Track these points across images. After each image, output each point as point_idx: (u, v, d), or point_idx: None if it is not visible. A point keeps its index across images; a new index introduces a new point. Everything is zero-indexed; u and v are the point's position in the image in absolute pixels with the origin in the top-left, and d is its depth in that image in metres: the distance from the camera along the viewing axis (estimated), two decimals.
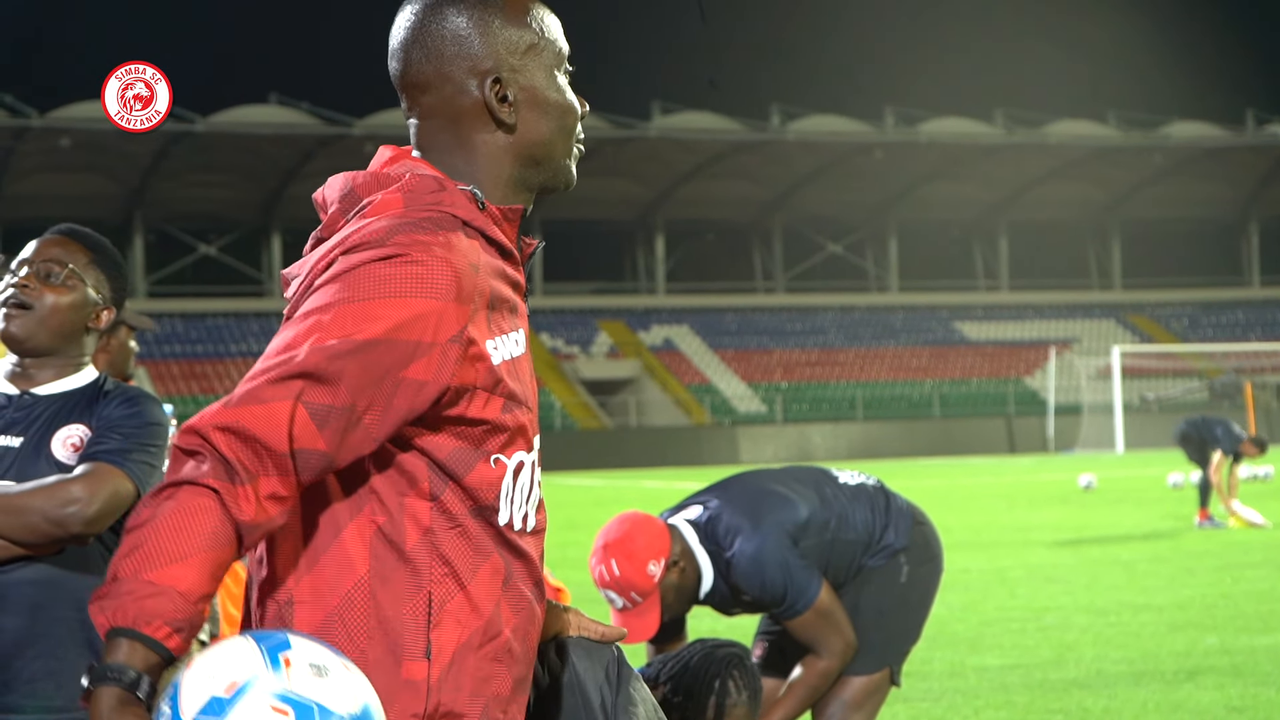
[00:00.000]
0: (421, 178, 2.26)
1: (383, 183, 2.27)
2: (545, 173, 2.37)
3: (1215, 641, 9.99)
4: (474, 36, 2.30)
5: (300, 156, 57.56)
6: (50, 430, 3.52)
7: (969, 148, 63.58)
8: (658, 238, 67.14)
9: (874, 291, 70.08)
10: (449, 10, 2.31)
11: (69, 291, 3.56)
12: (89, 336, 3.63)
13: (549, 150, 2.36)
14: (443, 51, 2.30)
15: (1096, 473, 31.59)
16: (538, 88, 2.33)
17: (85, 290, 3.58)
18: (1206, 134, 65.21)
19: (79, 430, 3.50)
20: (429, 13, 2.31)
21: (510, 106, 2.31)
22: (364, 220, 2.21)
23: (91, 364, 3.68)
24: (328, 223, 2.30)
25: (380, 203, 2.23)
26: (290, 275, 2.32)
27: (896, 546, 5.40)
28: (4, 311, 3.54)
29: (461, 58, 2.30)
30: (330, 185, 2.34)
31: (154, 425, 3.55)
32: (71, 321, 3.57)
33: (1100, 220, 71.53)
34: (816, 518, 5.29)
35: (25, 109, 52.88)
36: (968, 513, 22.92)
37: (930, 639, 10.04)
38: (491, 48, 2.30)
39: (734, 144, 61.52)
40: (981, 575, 14.21)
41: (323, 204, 2.34)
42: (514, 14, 2.33)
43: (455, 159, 2.32)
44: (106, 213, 56.65)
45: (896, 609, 5.40)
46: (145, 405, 3.56)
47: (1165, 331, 67.20)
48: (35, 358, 3.58)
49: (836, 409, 58.86)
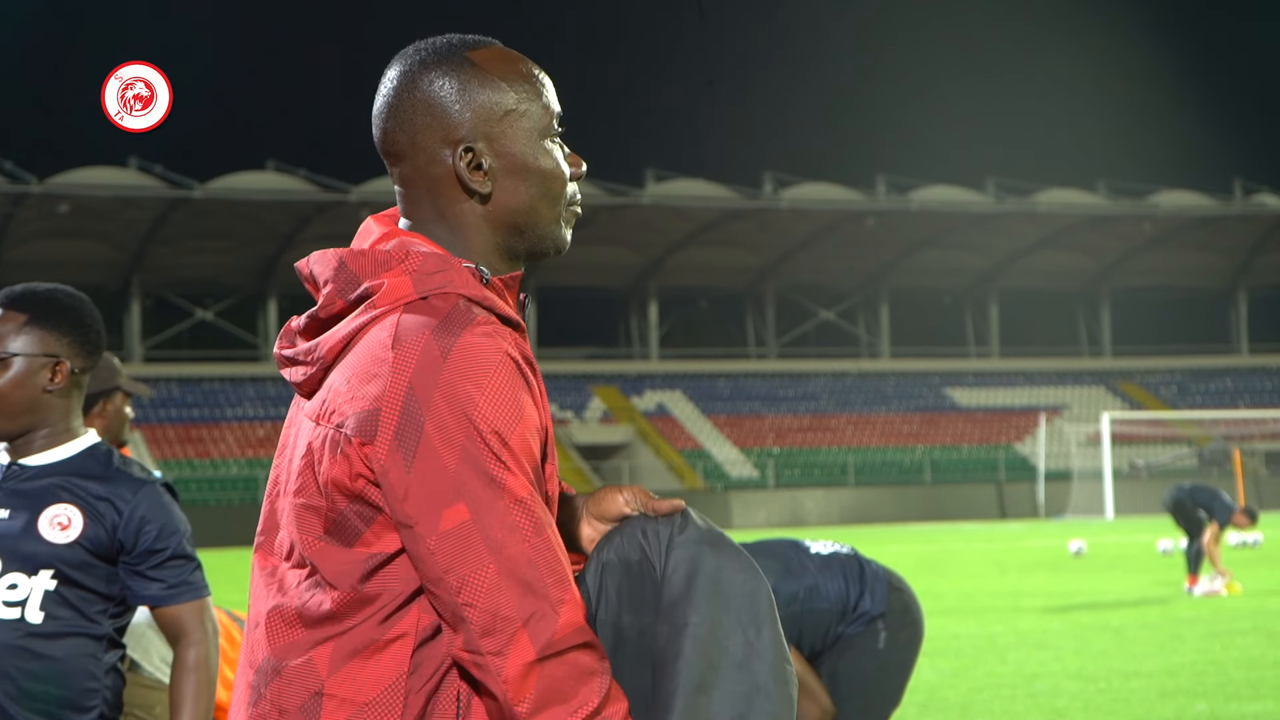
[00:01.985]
0: (424, 256, 2.18)
1: (380, 261, 2.18)
2: (530, 239, 2.28)
3: (1205, 708, 9.95)
4: (447, 105, 2.22)
5: (297, 222, 57.69)
6: (39, 506, 3.49)
7: (960, 216, 63.82)
8: (651, 304, 67.26)
9: (866, 358, 70.18)
10: (423, 78, 2.23)
11: (3, 371, 3.50)
12: (62, 398, 3.56)
13: (531, 217, 2.26)
14: (415, 120, 2.22)
15: (1087, 539, 31.58)
16: (517, 154, 2.24)
17: (25, 360, 3.51)
18: (1195, 203, 65.51)
19: (67, 510, 3.48)
20: (404, 80, 2.24)
21: (485, 175, 2.22)
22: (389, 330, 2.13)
23: (86, 427, 3.64)
24: (325, 303, 2.20)
25: (389, 289, 2.16)
26: (294, 357, 2.25)
27: (873, 613, 5.43)
28: None
29: (434, 127, 2.22)
30: (318, 262, 2.23)
31: (185, 536, 3.60)
32: (22, 398, 3.52)
33: (1090, 288, 71.74)
34: (784, 590, 5.31)
35: (24, 175, 52.98)
36: (958, 578, 22.93)
37: (921, 705, 10.22)
38: (464, 115, 2.22)
39: (727, 211, 61.74)
40: (972, 641, 14.21)
41: (310, 279, 2.25)
42: (493, 78, 2.24)
43: (438, 230, 2.24)
44: (104, 278, 56.76)
45: (876, 675, 5.42)
46: (169, 518, 3.57)
47: (1155, 398, 67.30)
48: (8, 440, 3.55)
49: (828, 474, 58.85)
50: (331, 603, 2.15)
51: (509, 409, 2.08)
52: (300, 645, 2.16)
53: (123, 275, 58.94)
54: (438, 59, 2.25)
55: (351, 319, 2.18)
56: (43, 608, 3.46)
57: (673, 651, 2.14)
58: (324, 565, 2.15)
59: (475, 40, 2.29)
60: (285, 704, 2.16)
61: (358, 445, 2.09)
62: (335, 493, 2.13)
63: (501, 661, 2.05)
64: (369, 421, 2.09)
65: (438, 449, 2.06)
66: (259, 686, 2.19)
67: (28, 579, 3.45)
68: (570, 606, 2.07)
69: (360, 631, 2.14)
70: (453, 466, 2.06)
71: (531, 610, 2.05)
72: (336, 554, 2.15)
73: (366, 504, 2.12)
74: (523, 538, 2.06)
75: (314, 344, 2.21)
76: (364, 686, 2.13)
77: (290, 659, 2.16)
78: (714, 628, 2.14)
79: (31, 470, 3.54)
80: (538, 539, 2.07)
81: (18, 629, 3.43)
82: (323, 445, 2.14)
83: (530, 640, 2.04)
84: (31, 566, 3.45)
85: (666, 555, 2.20)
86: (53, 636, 3.46)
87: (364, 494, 2.12)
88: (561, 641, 2.04)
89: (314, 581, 2.17)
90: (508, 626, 2.05)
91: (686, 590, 2.16)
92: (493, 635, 2.05)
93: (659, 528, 2.24)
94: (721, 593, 2.16)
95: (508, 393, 2.09)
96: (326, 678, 2.14)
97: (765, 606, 2.18)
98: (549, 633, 2.04)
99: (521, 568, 2.06)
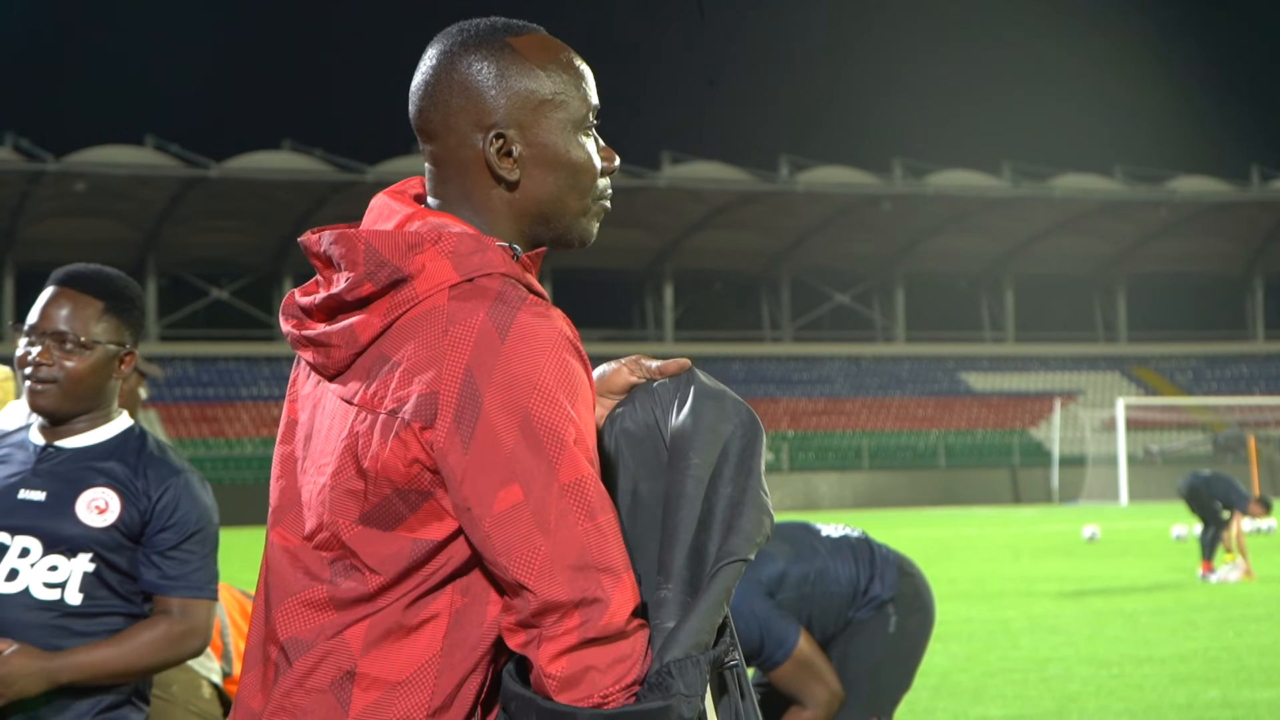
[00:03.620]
0: (458, 237, 2.16)
1: (411, 243, 2.14)
2: (556, 230, 2.27)
3: (1217, 695, 9.99)
4: (483, 89, 2.20)
5: (313, 203, 57.76)
6: (75, 489, 3.51)
7: (976, 200, 63.74)
8: (666, 287, 67.29)
9: (880, 342, 70.17)
10: (462, 60, 2.22)
11: (87, 357, 3.52)
12: (114, 384, 3.59)
13: (558, 208, 2.25)
14: (449, 102, 2.21)
15: (1100, 524, 31.62)
16: (548, 144, 2.22)
17: (104, 348, 3.53)
18: (1212, 189, 65.37)
19: (104, 494, 3.52)
20: (443, 60, 2.22)
21: (514, 162, 2.21)
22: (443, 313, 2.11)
23: (123, 411, 3.67)
24: (351, 285, 2.15)
25: (429, 272, 2.13)
26: (314, 336, 2.21)
27: (883, 598, 5.42)
28: (28, 385, 3.51)
29: (467, 110, 2.20)
30: (337, 242, 2.18)
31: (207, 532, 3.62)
32: (95, 384, 3.54)
33: (1106, 273, 71.64)
34: (794, 572, 5.32)
35: (41, 153, 53.10)
36: (971, 563, 22.98)
37: (933, 689, 10.24)
38: (499, 101, 2.20)
39: (743, 194, 61.72)
40: (985, 625, 14.25)
41: (321, 256, 2.21)
42: (532, 65, 2.22)
43: (464, 210, 2.23)
44: (120, 257, 56.80)
45: (886, 659, 5.42)
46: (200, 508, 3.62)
47: (1170, 385, 67.23)
48: (59, 422, 3.57)
49: (842, 458, 58.88)
50: (367, 587, 2.14)
51: (566, 389, 2.08)
52: (331, 626, 2.15)
53: (138, 254, 59.05)
54: (478, 41, 2.23)
55: (387, 302, 2.15)
56: (81, 589, 3.50)
57: (676, 490, 2.17)
58: (363, 550, 2.14)
59: (519, 26, 2.27)
60: (315, 682, 2.15)
61: (417, 430, 2.07)
62: (383, 478, 2.11)
63: (545, 642, 2.05)
64: (428, 405, 2.07)
65: (495, 430, 2.06)
66: (282, 664, 2.18)
67: (67, 561, 3.49)
68: (621, 593, 2.06)
69: (393, 611, 2.13)
70: (509, 448, 2.05)
71: (580, 595, 2.04)
72: (376, 539, 2.13)
73: (415, 491, 2.11)
74: (575, 521, 2.06)
75: (345, 326, 2.18)
76: (396, 667, 2.13)
77: (321, 638, 2.16)
78: (713, 471, 2.18)
79: (68, 453, 3.56)
80: (590, 523, 2.06)
81: (56, 610, 3.47)
82: (370, 430, 2.12)
83: (577, 625, 2.04)
84: (71, 549, 3.49)
85: (675, 412, 2.23)
86: (90, 616, 3.50)
87: (415, 480, 2.10)
88: (606, 628, 2.04)
89: (348, 565, 2.15)
90: (556, 609, 2.05)
91: (691, 436, 2.19)
92: (541, 616, 2.06)
93: (664, 388, 2.27)
94: (720, 441, 2.20)
95: (565, 372, 2.09)
96: (359, 657, 2.13)
97: (756, 459, 2.21)
98: (595, 619, 2.04)
99: (572, 552, 2.05)
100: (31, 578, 3.48)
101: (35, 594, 3.48)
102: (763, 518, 2.18)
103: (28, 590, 3.47)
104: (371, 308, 2.15)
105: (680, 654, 2.07)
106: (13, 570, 3.48)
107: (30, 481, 3.52)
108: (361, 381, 2.15)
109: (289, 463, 2.27)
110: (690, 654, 2.07)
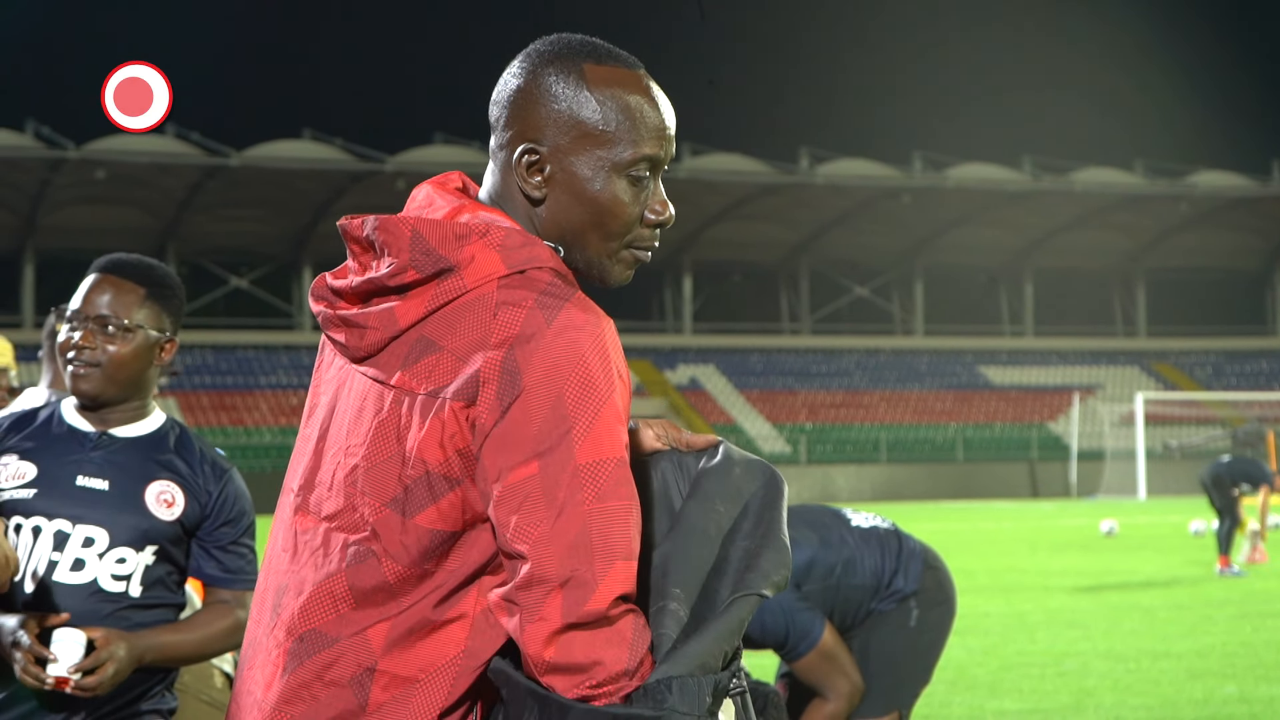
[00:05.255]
0: (507, 231, 2.17)
1: (459, 235, 2.16)
2: (576, 261, 2.25)
3: (1234, 690, 9.99)
4: (538, 101, 2.22)
5: (332, 192, 57.85)
6: (140, 480, 3.55)
7: (996, 194, 63.64)
8: (685, 278, 67.30)
9: (899, 335, 70.11)
10: (537, 68, 2.23)
11: (129, 341, 3.55)
12: (154, 371, 3.62)
13: (579, 240, 2.24)
14: (512, 102, 2.24)
15: (1118, 519, 31.58)
16: (578, 174, 2.21)
17: (145, 333, 3.56)
18: (1232, 184, 65.19)
19: (171, 488, 3.56)
20: (524, 62, 2.26)
21: (543, 180, 2.22)
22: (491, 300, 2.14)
23: (155, 405, 3.69)
24: (394, 271, 2.17)
25: (479, 264, 2.15)
26: (350, 317, 2.22)
27: (906, 591, 5.42)
28: (71, 370, 3.54)
29: (519, 117, 2.23)
30: (384, 229, 2.19)
31: (253, 524, 3.70)
32: (138, 369, 3.57)
33: (1125, 268, 71.50)
34: (821, 562, 5.32)
35: (62, 141, 53.24)
36: (989, 556, 22.94)
37: (950, 683, 10.24)
38: (545, 118, 2.21)
39: (762, 186, 61.69)
40: (1002, 619, 14.26)
41: (363, 240, 2.23)
42: (590, 94, 2.22)
43: (508, 208, 2.26)
44: (140, 245, 56.84)
45: (906, 653, 5.42)
46: (248, 502, 3.70)
47: (1189, 379, 67.10)
48: (99, 406, 3.59)
49: (860, 451, 58.87)
50: (387, 576, 2.15)
51: (604, 379, 2.09)
52: (354, 622, 2.16)
53: (158, 242, 59.18)
54: (557, 55, 2.25)
55: (432, 289, 2.17)
56: (142, 581, 3.54)
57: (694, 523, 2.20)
58: (385, 534, 2.15)
59: (607, 53, 2.27)
60: (334, 676, 2.16)
61: (459, 409, 2.10)
62: (418, 460, 2.13)
63: (529, 618, 2.05)
64: (470, 385, 2.10)
65: (529, 409, 2.08)
66: (299, 654, 2.18)
67: (135, 554, 3.52)
68: (613, 578, 2.06)
69: (417, 610, 2.15)
70: (537, 426, 2.07)
71: (570, 575, 2.05)
72: (399, 525, 2.14)
73: (444, 477, 2.12)
74: (583, 500, 2.06)
75: (383, 309, 2.20)
76: (416, 664, 2.14)
77: (343, 633, 2.17)
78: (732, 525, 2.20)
79: (122, 441, 3.58)
80: (598, 505, 2.07)
81: (120, 601, 3.51)
82: (409, 411, 2.14)
83: (562, 605, 2.04)
84: (140, 542, 3.52)
85: (692, 484, 2.24)
86: (147, 608, 3.54)
87: (447, 465, 2.12)
88: (588, 614, 2.04)
89: (368, 550, 2.16)
90: (544, 587, 2.05)
91: (716, 483, 2.22)
92: (528, 590, 2.06)
93: (687, 461, 2.28)
94: (743, 498, 2.22)
95: (605, 365, 2.10)
96: (380, 655, 2.14)
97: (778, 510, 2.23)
98: (581, 602, 2.04)
99: (573, 530, 2.06)
100: (100, 569, 3.50)
101: (104, 585, 3.50)
102: (783, 558, 2.19)
103: (96, 581, 3.49)
104: (413, 294, 2.18)
105: (683, 671, 2.06)
106: (78, 560, 3.49)
107: (87, 468, 3.53)
108: (399, 364, 2.17)
109: (308, 443, 2.29)
110: (693, 673, 2.06)
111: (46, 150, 53.28)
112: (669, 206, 2.31)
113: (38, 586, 3.47)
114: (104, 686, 3.37)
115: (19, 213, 56.50)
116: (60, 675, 3.33)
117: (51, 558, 3.48)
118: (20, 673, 3.34)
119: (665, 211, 2.30)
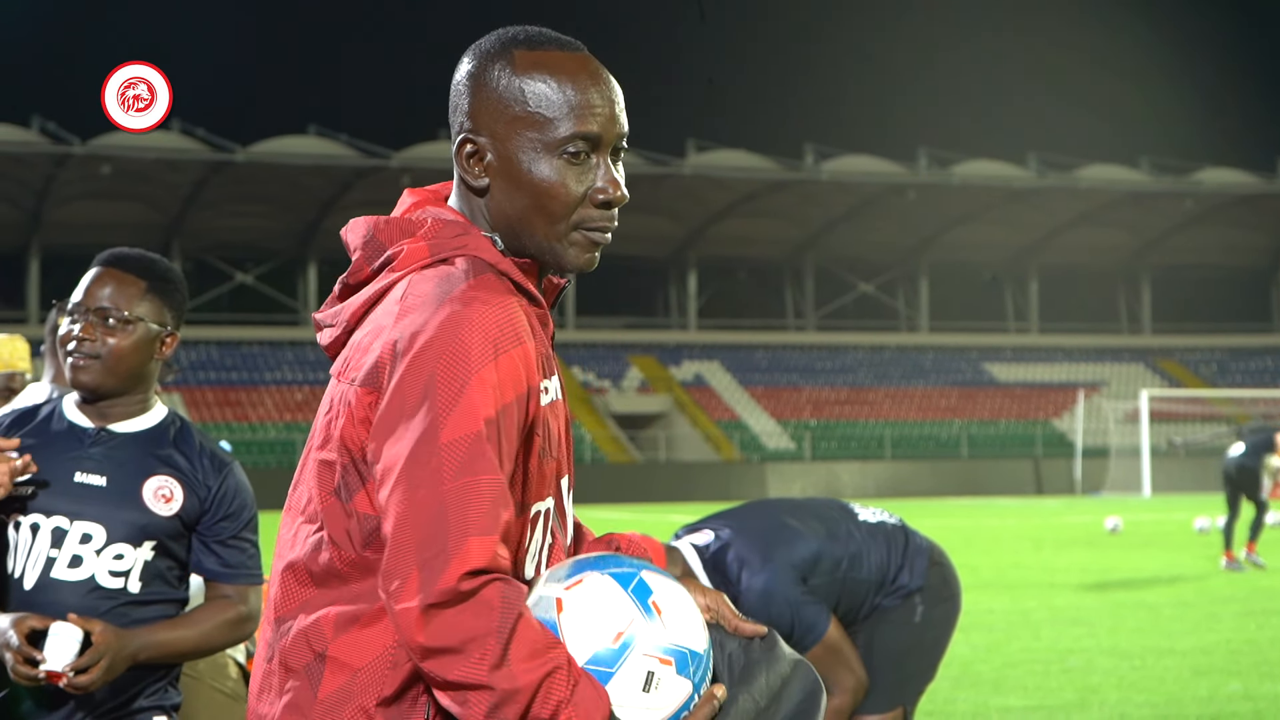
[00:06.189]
0: (446, 223, 2.22)
1: (405, 229, 2.23)
2: (531, 248, 2.26)
3: (1239, 687, 9.97)
4: (472, 91, 2.24)
5: (338, 188, 57.84)
6: (138, 476, 3.55)
7: (1001, 190, 63.60)
8: (690, 274, 67.26)
9: (904, 331, 70.07)
10: (475, 60, 2.26)
11: (130, 333, 3.54)
12: (154, 365, 3.62)
13: (526, 226, 2.24)
14: (454, 97, 2.27)
15: (1123, 516, 31.56)
16: (513, 159, 2.21)
17: (146, 326, 3.56)
18: (1238, 181, 65.12)
19: (169, 483, 3.56)
20: (466, 57, 2.28)
21: (483, 169, 2.24)
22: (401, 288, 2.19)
23: (157, 400, 3.69)
24: (354, 269, 2.25)
25: (407, 254, 2.20)
26: (323, 321, 2.30)
27: (911, 587, 5.41)
28: (71, 361, 3.54)
29: (460, 108, 2.25)
30: (353, 229, 2.28)
31: (256, 516, 3.70)
32: (138, 362, 3.57)
33: (1130, 265, 71.43)
34: (828, 555, 5.30)
35: (67, 136, 53.25)
36: (993, 553, 22.94)
37: (954, 679, 10.24)
38: (479, 106, 2.23)
39: (768, 183, 61.65)
40: (1006, 616, 14.26)
41: (347, 246, 2.30)
42: (520, 79, 2.23)
43: (461, 203, 2.29)
44: (145, 241, 56.83)
45: (911, 649, 5.41)
46: (248, 496, 3.70)
47: (1194, 376, 67.05)
48: (99, 399, 3.58)
49: (865, 447, 58.84)
50: (333, 561, 2.19)
51: (477, 360, 2.09)
52: (311, 605, 2.20)
53: (163, 238, 59.17)
54: (494, 46, 2.27)
55: (374, 283, 2.24)
56: (141, 577, 3.55)
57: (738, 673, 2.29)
58: (330, 522, 2.20)
59: (538, 39, 2.27)
60: (291, 662, 2.20)
61: (362, 395, 2.15)
62: (344, 448, 2.18)
63: (394, 602, 2.05)
64: (374, 372, 2.15)
65: (403, 390, 2.10)
66: (274, 643, 2.24)
67: (133, 550, 3.53)
68: (467, 552, 2.03)
69: (360, 597, 2.17)
70: (410, 407, 2.09)
71: (426, 555, 2.03)
72: (339, 512, 2.19)
73: (364, 461, 2.16)
74: (443, 478, 2.06)
75: (340, 308, 2.28)
76: (360, 652, 2.16)
77: (301, 618, 2.20)
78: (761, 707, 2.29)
79: (121, 437, 3.59)
80: (456, 481, 2.06)
81: (118, 598, 3.52)
82: (340, 400, 2.20)
83: (418, 585, 2.03)
84: (138, 537, 3.53)
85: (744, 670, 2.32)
86: (146, 604, 3.55)
87: (362, 449, 2.16)
88: (449, 592, 2.01)
89: (321, 538, 2.20)
90: (402, 569, 2.05)
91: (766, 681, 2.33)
92: (388, 575, 2.06)
93: (728, 642, 2.35)
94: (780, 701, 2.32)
95: (482, 345, 2.09)
96: (331, 641, 2.17)
97: None
98: (435, 580, 2.02)
99: (431, 509, 2.05)
100: (97, 566, 3.50)
101: (101, 582, 3.50)
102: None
103: (93, 578, 3.50)
104: (364, 289, 2.26)
105: None
106: (76, 557, 3.50)
107: (85, 465, 3.53)
108: (345, 355, 2.24)
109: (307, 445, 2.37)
110: None
111: (52, 146, 53.29)
112: (619, 186, 2.27)
113: (35, 583, 3.48)
114: (97, 684, 3.39)
115: (25, 208, 56.51)
116: (53, 670, 3.34)
117: (49, 554, 3.49)
118: (12, 672, 3.36)
119: (614, 191, 2.26)
